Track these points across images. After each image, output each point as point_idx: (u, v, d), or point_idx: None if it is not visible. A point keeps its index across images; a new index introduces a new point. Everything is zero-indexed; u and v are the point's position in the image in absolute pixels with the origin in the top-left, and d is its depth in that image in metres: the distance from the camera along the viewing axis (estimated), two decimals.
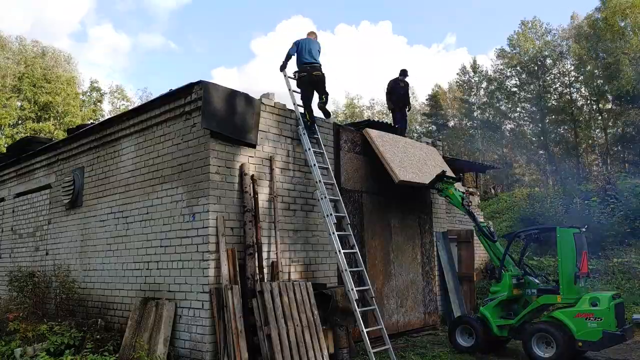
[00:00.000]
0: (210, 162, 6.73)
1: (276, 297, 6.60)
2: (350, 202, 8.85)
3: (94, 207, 8.80)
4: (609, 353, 7.73)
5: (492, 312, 7.92)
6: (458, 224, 13.86)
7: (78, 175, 9.26)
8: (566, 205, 18.13)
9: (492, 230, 8.63)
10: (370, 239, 9.21)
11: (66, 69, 40.70)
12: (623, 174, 20.87)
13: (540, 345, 7.21)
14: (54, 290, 8.82)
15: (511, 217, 20.81)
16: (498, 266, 8.03)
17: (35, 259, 10.29)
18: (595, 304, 6.97)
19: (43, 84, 36.31)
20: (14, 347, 7.18)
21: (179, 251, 6.96)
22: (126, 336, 6.97)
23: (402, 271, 9.86)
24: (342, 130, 9.19)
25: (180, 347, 6.71)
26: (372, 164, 9.39)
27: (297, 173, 8.03)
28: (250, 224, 6.89)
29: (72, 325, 7.63)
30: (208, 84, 6.83)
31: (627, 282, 12.77)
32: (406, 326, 9.70)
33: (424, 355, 7.93)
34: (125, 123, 8.19)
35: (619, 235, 15.22)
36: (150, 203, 7.57)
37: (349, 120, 43.09)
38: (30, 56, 38.09)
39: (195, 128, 6.99)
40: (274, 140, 7.74)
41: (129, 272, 7.81)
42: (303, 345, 6.57)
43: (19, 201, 11.36)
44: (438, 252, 10.99)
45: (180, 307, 6.81)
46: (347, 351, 7.33)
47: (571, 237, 7.37)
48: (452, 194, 8.75)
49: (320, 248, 8.14)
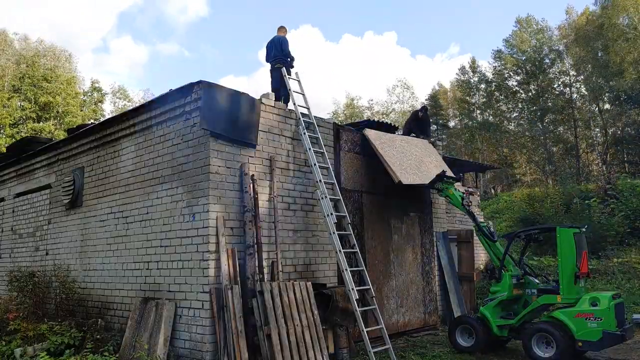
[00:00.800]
0: (210, 162, 6.73)
1: (276, 297, 6.60)
2: (350, 201, 8.85)
3: (94, 207, 8.80)
4: (609, 353, 7.73)
5: (492, 312, 7.92)
6: (458, 224, 13.87)
7: (78, 175, 9.26)
8: (566, 205, 18.14)
9: (492, 230, 8.63)
10: (370, 238, 9.22)
11: (66, 68, 40.76)
12: (623, 174, 20.88)
13: (540, 345, 7.21)
14: (54, 290, 8.82)
15: (511, 217, 20.83)
16: (498, 266, 8.03)
17: (35, 259, 10.29)
18: (595, 304, 6.97)
19: (43, 84, 36.32)
20: (14, 346, 7.19)
21: (179, 251, 6.96)
22: (126, 336, 6.98)
23: (402, 271, 9.87)
24: (342, 130, 9.19)
25: (180, 347, 6.71)
26: (372, 164, 9.39)
27: (297, 173, 8.03)
28: (250, 223, 6.89)
29: (72, 325, 7.64)
30: (208, 84, 6.83)
31: (627, 282, 12.78)
32: (406, 326, 9.71)
33: (424, 355, 7.93)
34: (125, 123, 8.19)
35: (619, 235, 15.24)
36: (150, 203, 7.56)
37: (349, 121, 43.10)
38: (30, 55, 38.11)
39: (195, 128, 6.99)
40: (274, 140, 7.74)
41: (129, 272, 7.80)
42: (303, 345, 6.57)
43: (19, 201, 11.36)
44: (438, 252, 10.99)
45: (180, 307, 6.81)
46: (347, 351, 7.33)
47: (571, 237, 7.36)
48: (452, 193, 8.75)
49: (320, 248, 8.14)
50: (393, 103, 53.03)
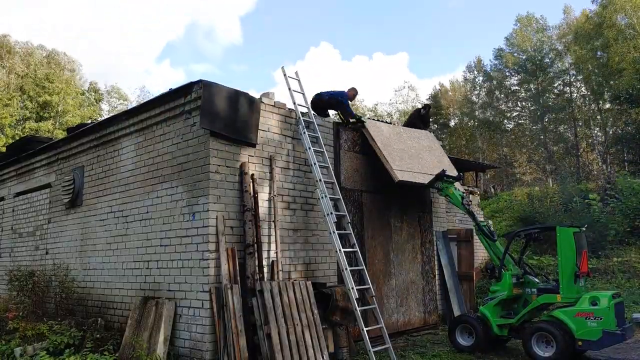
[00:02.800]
0: (210, 162, 6.73)
1: (276, 297, 6.60)
2: (350, 201, 8.85)
3: (93, 207, 8.80)
4: (609, 352, 7.73)
5: (492, 312, 7.92)
6: (458, 223, 13.87)
7: (78, 174, 9.25)
8: (566, 205, 18.13)
9: (492, 230, 8.61)
10: (370, 238, 9.22)
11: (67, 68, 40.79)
12: (623, 173, 20.87)
13: (540, 344, 7.20)
14: (54, 289, 8.82)
15: (511, 217, 20.78)
16: (498, 265, 8.02)
17: (35, 258, 10.29)
18: (595, 303, 6.97)
19: (45, 83, 36.34)
20: (13, 346, 7.18)
21: (179, 250, 6.95)
22: (126, 335, 6.97)
23: (402, 270, 9.86)
24: (342, 130, 9.19)
25: (180, 346, 6.71)
26: (372, 163, 9.38)
27: (297, 172, 8.03)
28: (250, 223, 6.89)
29: (71, 324, 7.63)
30: (208, 83, 6.83)
31: (627, 282, 12.77)
32: (406, 325, 9.71)
33: (424, 355, 7.93)
34: (125, 122, 8.19)
35: (619, 235, 15.22)
36: (150, 202, 7.56)
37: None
38: (35, 61, 38.20)
39: (195, 127, 6.98)
40: (274, 140, 7.74)
41: (129, 271, 7.80)
42: (303, 345, 6.57)
43: (19, 200, 11.35)
44: (438, 251, 10.99)
45: (180, 306, 6.81)
46: (347, 350, 7.33)
47: (571, 237, 7.36)
48: (452, 193, 8.75)
49: (320, 247, 8.14)
50: (398, 103, 53.24)
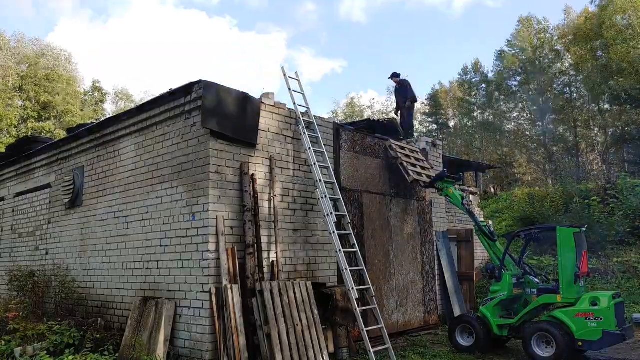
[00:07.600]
0: (210, 162, 6.73)
1: (276, 297, 6.60)
2: (350, 201, 8.85)
3: (93, 207, 8.80)
4: (609, 352, 7.74)
5: (492, 312, 7.92)
6: (458, 224, 13.86)
7: (78, 174, 9.25)
8: (566, 205, 18.13)
9: (492, 230, 8.62)
10: (370, 238, 9.21)
11: (67, 69, 40.71)
12: (623, 174, 20.85)
13: (540, 344, 7.20)
14: (54, 289, 8.82)
15: (511, 217, 20.77)
16: (498, 266, 8.02)
17: (35, 259, 10.29)
18: (595, 304, 6.97)
19: (45, 83, 36.31)
20: (13, 346, 7.17)
21: (179, 250, 6.95)
22: (126, 335, 6.97)
23: (402, 270, 9.86)
24: (342, 130, 9.19)
25: (180, 346, 6.71)
26: (372, 164, 9.39)
27: (297, 172, 8.02)
28: (250, 223, 6.89)
29: (71, 324, 7.62)
30: (208, 83, 6.83)
31: (627, 282, 12.77)
32: (406, 325, 9.70)
33: (424, 355, 7.93)
34: (125, 122, 8.19)
35: (619, 235, 15.22)
36: (150, 202, 7.56)
37: (349, 120, 43.11)
38: (31, 55, 38.06)
39: (195, 127, 6.99)
40: (274, 140, 7.73)
41: (129, 271, 7.80)
42: (303, 345, 6.57)
43: (19, 200, 11.35)
44: (438, 251, 10.99)
45: (180, 306, 6.81)
46: (347, 350, 7.33)
47: (571, 237, 7.36)
48: (452, 193, 8.76)
49: (320, 247, 8.13)
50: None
